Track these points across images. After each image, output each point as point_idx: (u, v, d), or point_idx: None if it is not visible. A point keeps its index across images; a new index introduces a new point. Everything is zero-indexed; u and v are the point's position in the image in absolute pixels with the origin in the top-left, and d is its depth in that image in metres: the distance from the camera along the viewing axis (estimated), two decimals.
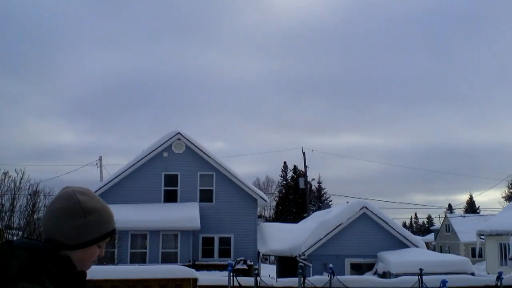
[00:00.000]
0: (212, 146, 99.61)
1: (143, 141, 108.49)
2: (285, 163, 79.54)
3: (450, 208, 77.13)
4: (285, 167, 79.45)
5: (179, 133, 27.94)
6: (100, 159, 45.78)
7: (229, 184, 27.78)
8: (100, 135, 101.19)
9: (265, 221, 51.13)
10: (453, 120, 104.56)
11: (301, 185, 50.45)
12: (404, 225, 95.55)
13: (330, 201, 71.26)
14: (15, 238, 2.04)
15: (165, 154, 27.74)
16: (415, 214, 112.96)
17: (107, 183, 27.21)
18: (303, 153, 48.72)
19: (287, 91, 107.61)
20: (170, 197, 27.47)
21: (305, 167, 49.08)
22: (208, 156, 27.74)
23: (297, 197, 71.42)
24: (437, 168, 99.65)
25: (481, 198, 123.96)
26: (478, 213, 72.26)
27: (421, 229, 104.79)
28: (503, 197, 71.31)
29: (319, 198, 74.91)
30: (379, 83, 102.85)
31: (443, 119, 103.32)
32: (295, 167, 76.51)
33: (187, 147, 27.91)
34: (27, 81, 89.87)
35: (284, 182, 78.79)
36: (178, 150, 27.91)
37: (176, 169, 27.67)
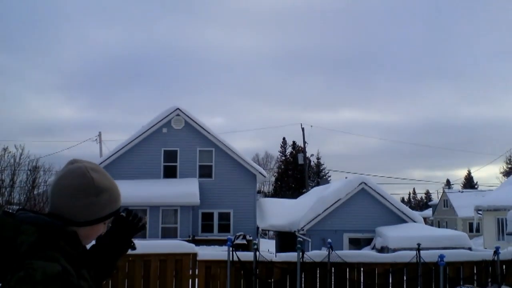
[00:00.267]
0: (211, 122, 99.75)
1: (143, 117, 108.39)
2: (284, 139, 79.62)
3: (448, 184, 77.41)
4: (284, 143, 79.50)
5: (178, 109, 27.85)
6: (100, 134, 45.77)
7: (228, 160, 27.81)
8: (100, 111, 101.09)
9: (264, 197, 51.35)
10: (451, 95, 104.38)
11: (300, 160, 50.53)
12: (403, 200, 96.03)
13: (329, 176, 71.44)
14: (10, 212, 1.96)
15: (164, 130, 27.71)
16: (413, 189, 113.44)
17: (107, 159, 27.24)
18: (302, 129, 48.69)
19: (286, 67, 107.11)
20: (170, 172, 27.53)
21: (304, 142, 49.11)
22: (208, 132, 27.72)
23: (296, 172, 71.60)
24: (436, 144, 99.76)
25: (479, 174, 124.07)
26: (476, 188, 72.57)
27: (419, 204, 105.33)
28: (501, 172, 71.41)
29: (318, 174, 75.11)
30: (379, 59, 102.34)
31: (442, 95, 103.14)
32: (294, 143, 76.54)
33: (186, 123, 27.86)
34: (26, 56, 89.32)
35: (283, 158, 78.90)
36: (177, 126, 27.87)
37: (175, 145, 27.67)
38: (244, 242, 24.21)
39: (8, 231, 1.74)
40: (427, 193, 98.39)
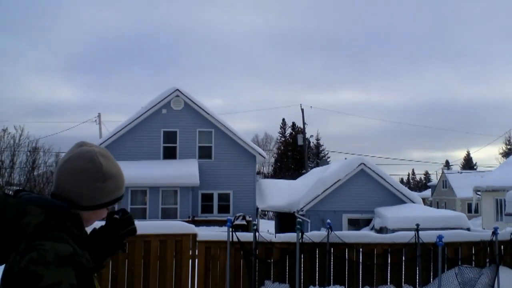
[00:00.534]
0: (211, 103, 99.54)
1: (142, 98, 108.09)
2: (283, 120, 79.55)
3: (447, 165, 77.64)
4: (283, 124, 79.43)
5: (177, 90, 27.75)
6: (99, 116, 45.74)
7: (228, 141, 27.81)
8: (99, 92, 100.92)
9: (264, 178, 51.49)
10: (451, 76, 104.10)
11: (300, 141, 50.55)
12: (402, 181, 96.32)
13: (328, 157, 71.47)
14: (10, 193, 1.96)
15: (164, 111, 27.64)
16: (413, 170, 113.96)
17: (106, 140, 27.23)
18: (302, 110, 48.63)
19: (286, 48, 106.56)
20: (169, 154, 27.54)
21: (304, 124, 49.08)
22: (207, 113, 27.66)
23: (295, 153, 71.67)
24: (435, 125, 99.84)
25: (478, 155, 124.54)
26: (475, 169, 72.79)
27: (418, 185, 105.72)
28: (500, 153, 71.62)
29: (317, 155, 75.19)
30: (378, 39, 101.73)
31: (442, 76, 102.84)
32: (293, 124, 76.50)
33: (185, 104, 27.78)
34: (25, 37, 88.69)
35: (283, 139, 78.91)
36: (177, 107, 27.79)
37: (175, 126, 27.63)
38: (244, 222, 24.33)
39: (11, 212, 1.74)
40: (426, 174, 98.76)
